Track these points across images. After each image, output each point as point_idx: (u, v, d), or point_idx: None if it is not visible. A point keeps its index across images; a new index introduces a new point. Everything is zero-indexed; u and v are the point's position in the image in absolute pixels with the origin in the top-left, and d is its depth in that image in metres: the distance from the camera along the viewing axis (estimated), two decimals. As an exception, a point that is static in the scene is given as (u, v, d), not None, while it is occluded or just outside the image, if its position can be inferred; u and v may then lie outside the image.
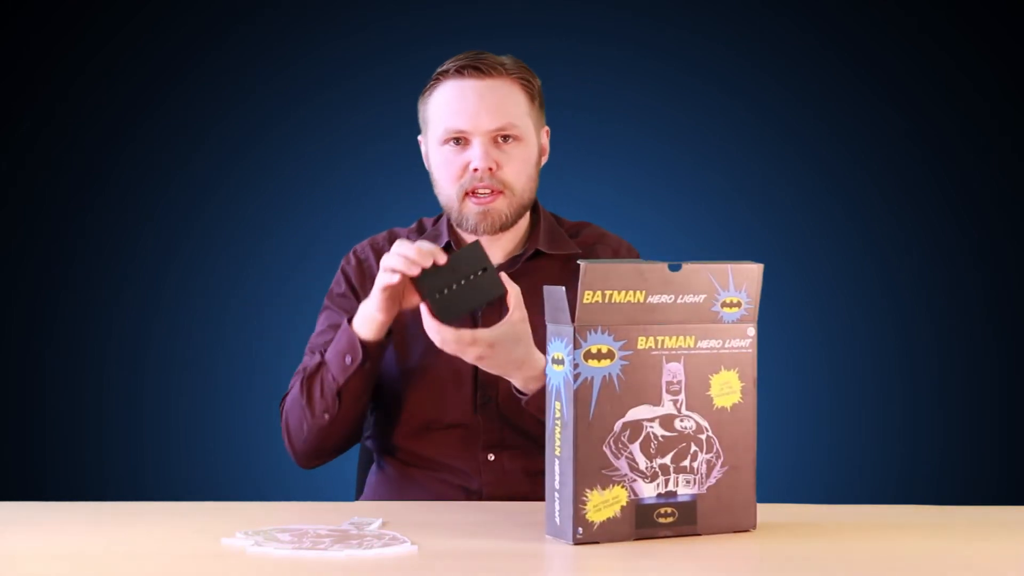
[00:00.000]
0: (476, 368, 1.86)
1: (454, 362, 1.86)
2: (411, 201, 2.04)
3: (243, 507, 1.68)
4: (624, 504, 1.45)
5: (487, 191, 1.87)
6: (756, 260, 1.53)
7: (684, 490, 1.48)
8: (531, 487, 1.85)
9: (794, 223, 3.45)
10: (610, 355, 1.45)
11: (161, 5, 3.45)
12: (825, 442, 3.43)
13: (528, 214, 1.96)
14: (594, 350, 1.44)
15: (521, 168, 1.90)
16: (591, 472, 1.43)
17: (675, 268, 1.48)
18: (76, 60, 3.44)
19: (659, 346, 1.47)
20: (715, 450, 1.50)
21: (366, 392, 1.85)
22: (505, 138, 1.88)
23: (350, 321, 1.83)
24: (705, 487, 1.49)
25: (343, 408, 1.83)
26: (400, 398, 1.91)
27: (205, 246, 3.46)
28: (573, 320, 1.43)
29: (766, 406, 3.59)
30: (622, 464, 1.45)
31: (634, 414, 1.46)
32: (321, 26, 3.46)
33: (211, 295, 3.45)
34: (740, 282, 1.52)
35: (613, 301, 1.45)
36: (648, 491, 1.46)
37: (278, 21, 3.47)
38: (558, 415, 1.44)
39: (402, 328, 1.91)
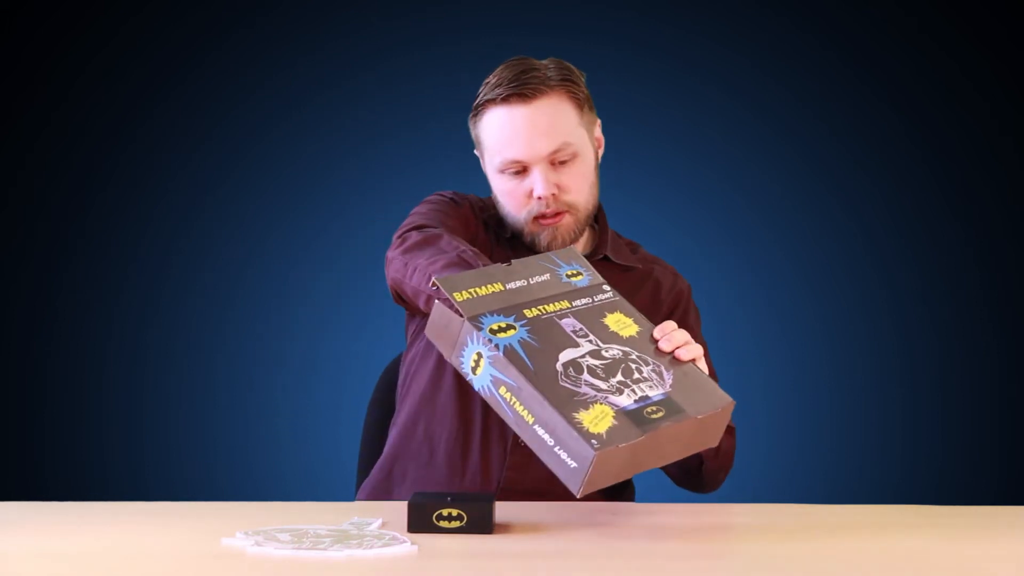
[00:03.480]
0: None
1: None
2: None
3: (243, 507, 1.68)
4: (613, 415, 1.46)
5: (553, 214, 1.89)
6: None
7: (653, 392, 1.51)
8: (547, 485, 1.85)
9: (794, 223, 3.45)
10: (510, 328, 1.53)
11: (161, 5, 3.45)
12: (825, 442, 3.43)
13: None
14: (495, 327, 1.52)
15: (582, 184, 1.91)
16: (567, 401, 1.46)
17: (508, 264, 1.61)
18: (76, 60, 3.44)
19: (544, 313, 1.57)
20: (651, 363, 1.55)
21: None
22: (562, 161, 1.88)
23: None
24: (667, 386, 1.53)
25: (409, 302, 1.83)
26: (443, 387, 1.91)
27: (205, 246, 3.46)
28: (462, 315, 1.51)
29: (766, 406, 3.60)
30: (586, 389, 1.48)
31: (565, 356, 1.52)
32: (321, 26, 3.46)
33: (211, 295, 3.45)
34: (568, 258, 1.66)
35: (480, 294, 1.55)
36: (625, 400, 1.49)
37: (278, 21, 3.47)
38: (507, 394, 1.48)
39: None
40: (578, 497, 1.45)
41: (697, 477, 1.89)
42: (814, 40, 3.46)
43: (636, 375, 1.52)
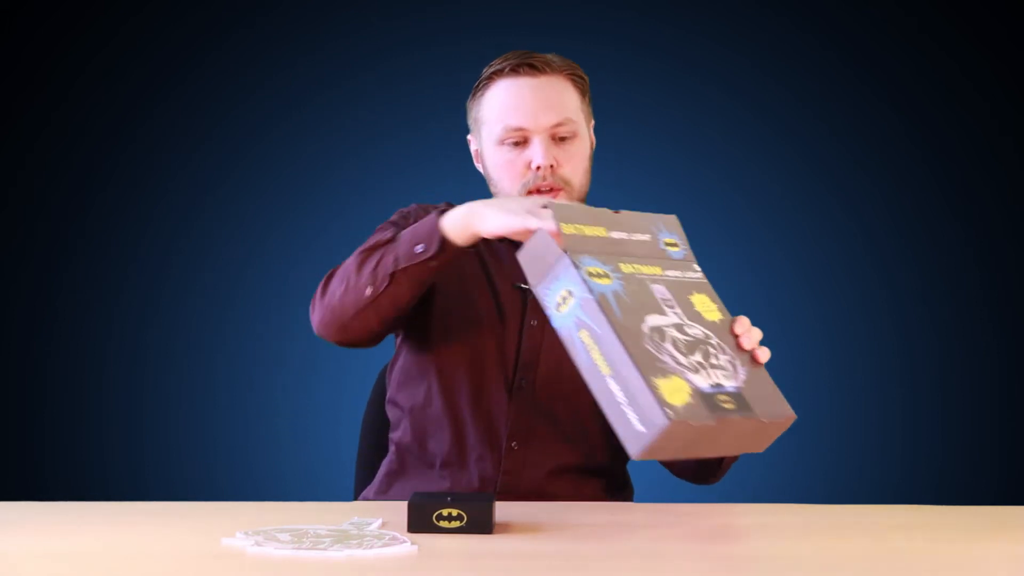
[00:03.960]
0: (519, 349, 1.88)
1: (502, 340, 1.88)
2: (411, 201, 2.04)
3: (243, 507, 1.67)
4: (690, 392, 1.42)
5: (548, 189, 1.89)
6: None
7: (727, 383, 1.48)
8: (545, 486, 1.85)
9: (794, 223, 3.45)
10: (607, 276, 1.49)
11: (161, 5, 3.45)
12: (825, 442, 3.43)
13: None
14: (592, 271, 1.48)
15: (579, 164, 1.92)
16: (648, 364, 1.41)
17: (616, 211, 1.58)
18: (76, 60, 3.44)
19: (638, 272, 1.54)
20: (728, 353, 1.53)
21: (417, 288, 1.76)
22: (562, 137, 1.90)
23: (441, 214, 1.73)
24: (740, 381, 1.50)
25: (387, 293, 1.76)
26: (441, 370, 1.90)
27: (205, 246, 3.46)
28: (564, 249, 1.48)
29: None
30: (666, 359, 1.44)
31: (652, 320, 1.48)
32: (321, 26, 3.47)
33: (211, 295, 3.45)
34: (670, 227, 1.64)
35: (586, 235, 1.52)
36: (701, 382, 1.45)
37: (278, 21, 3.47)
38: (589, 341, 1.44)
39: (457, 293, 1.90)
40: (633, 459, 1.41)
41: (713, 468, 1.88)
42: (814, 40, 3.46)
43: (713, 360, 1.49)
